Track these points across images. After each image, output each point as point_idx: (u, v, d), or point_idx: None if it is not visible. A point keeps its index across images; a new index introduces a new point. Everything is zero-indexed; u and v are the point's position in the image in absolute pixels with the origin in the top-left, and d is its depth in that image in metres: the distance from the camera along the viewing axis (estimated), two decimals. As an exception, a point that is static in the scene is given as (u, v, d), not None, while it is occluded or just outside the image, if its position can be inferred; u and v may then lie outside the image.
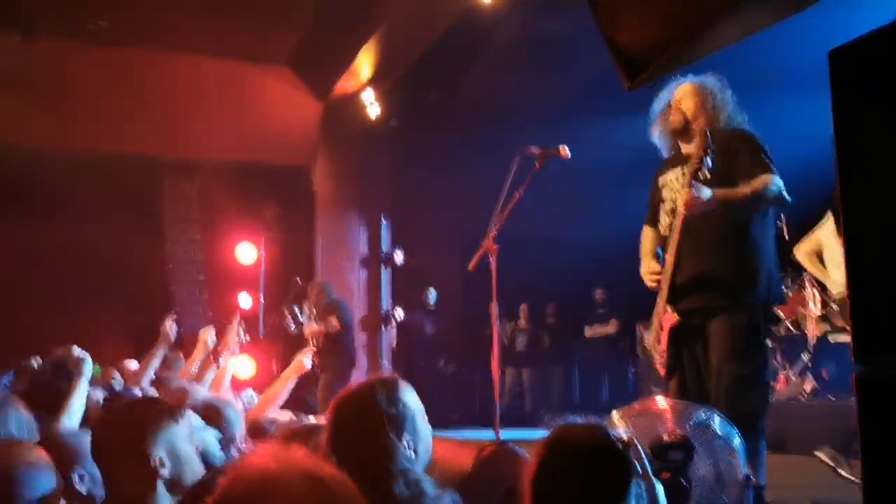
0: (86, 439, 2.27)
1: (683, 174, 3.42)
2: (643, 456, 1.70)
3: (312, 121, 9.78)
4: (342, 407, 2.06)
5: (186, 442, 2.11)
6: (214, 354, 4.35)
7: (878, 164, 1.34)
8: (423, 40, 8.04)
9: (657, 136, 3.67)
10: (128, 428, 2.05)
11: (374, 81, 9.08)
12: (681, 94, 3.55)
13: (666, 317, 3.34)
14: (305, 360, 4.47)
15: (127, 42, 8.69)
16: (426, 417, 2.13)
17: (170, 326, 4.47)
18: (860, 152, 1.38)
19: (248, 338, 4.55)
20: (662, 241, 3.51)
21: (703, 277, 3.32)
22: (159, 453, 2.01)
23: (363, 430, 1.98)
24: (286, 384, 4.32)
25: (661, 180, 3.59)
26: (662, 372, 3.39)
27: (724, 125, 3.47)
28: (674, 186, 3.50)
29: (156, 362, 4.46)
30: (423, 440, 2.08)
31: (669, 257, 3.34)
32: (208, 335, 4.45)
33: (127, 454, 2.01)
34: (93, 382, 5.81)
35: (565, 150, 3.73)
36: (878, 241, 1.33)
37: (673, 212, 3.44)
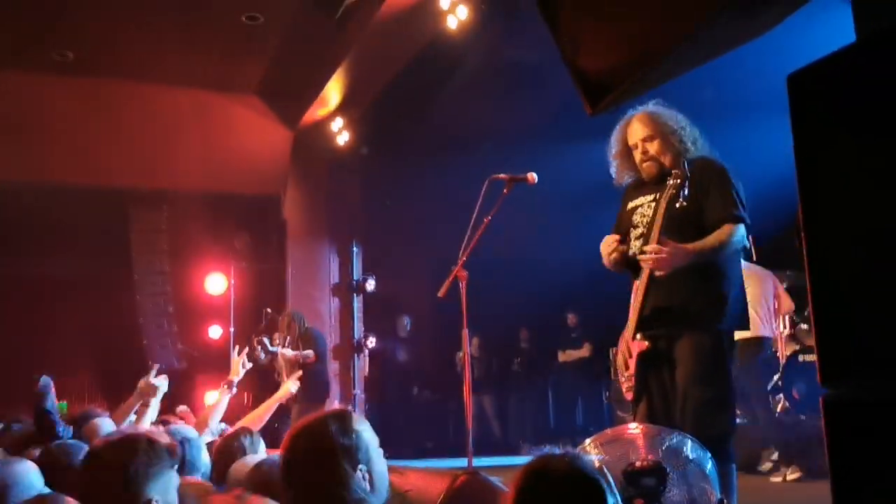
0: None
1: (656, 200, 3.41)
2: (612, 485, 1.68)
3: (282, 149, 9.75)
4: (296, 439, 2.07)
5: (175, 489, 2.06)
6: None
7: (839, 188, 1.35)
8: (391, 68, 8.07)
9: (617, 173, 3.62)
10: (125, 469, 1.97)
11: (343, 109, 9.08)
12: (639, 133, 3.47)
13: (635, 343, 3.34)
14: (292, 386, 4.55)
15: (92, 72, 8.63)
16: (381, 452, 2.12)
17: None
18: (822, 176, 1.39)
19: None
20: (629, 261, 3.50)
21: (670, 306, 3.33)
22: (155, 498, 1.96)
23: (317, 461, 1.99)
24: (269, 409, 4.40)
25: (630, 203, 3.58)
26: (630, 396, 3.39)
27: (692, 154, 3.43)
28: (645, 212, 3.49)
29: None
30: (378, 473, 2.07)
31: (640, 286, 3.33)
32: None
33: (121, 496, 1.94)
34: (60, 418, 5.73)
35: (533, 177, 3.73)
36: (841, 265, 1.33)
37: (643, 236, 3.44)
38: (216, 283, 9.87)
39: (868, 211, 1.31)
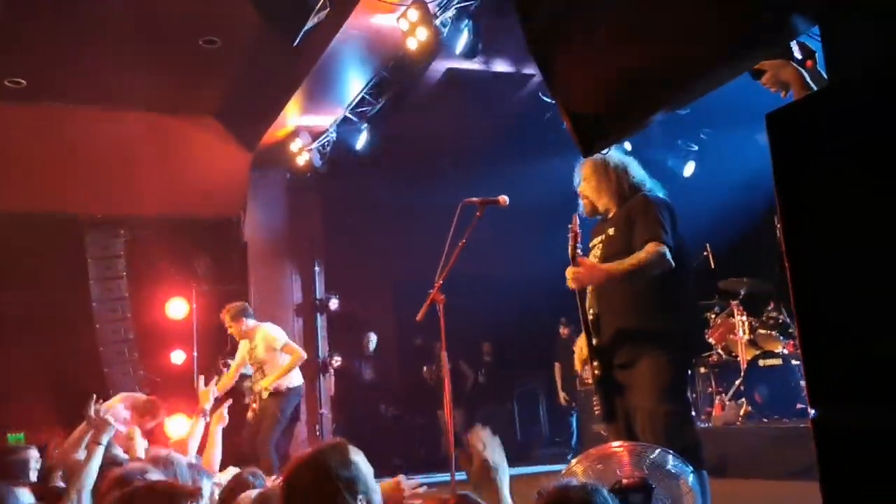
0: None
1: (601, 241, 3.64)
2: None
3: (241, 171, 9.71)
4: (297, 474, 2.09)
5: None
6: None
7: (821, 220, 1.43)
8: (350, 88, 8.12)
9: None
10: None
11: (301, 130, 9.08)
12: (578, 178, 3.76)
13: (588, 370, 3.55)
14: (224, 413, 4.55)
15: (47, 99, 8.50)
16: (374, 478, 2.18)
17: None
18: (803, 209, 1.47)
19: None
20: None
21: (620, 335, 3.51)
22: None
23: (320, 495, 2.02)
24: (216, 441, 4.37)
25: (599, 238, 3.77)
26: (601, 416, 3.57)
27: (630, 193, 3.65)
28: (596, 253, 3.70)
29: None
30: (375, 500, 2.13)
31: (589, 317, 3.54)
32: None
33: None
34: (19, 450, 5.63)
35: (504, 200, 3.82)
36: (826, 295, 1.41)
37: None
38: (177, 308, 9.77)
39: (848, 239, 1.40)
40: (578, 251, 3.50)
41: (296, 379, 7.02)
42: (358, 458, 2.14)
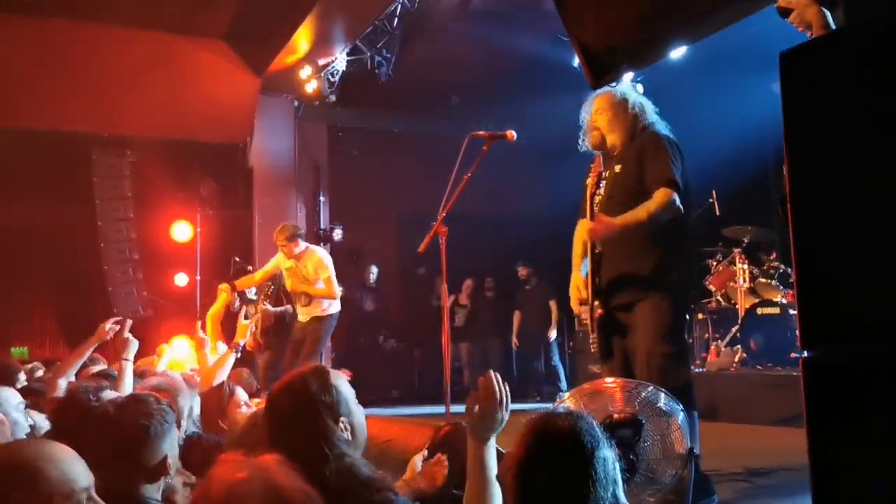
0: None
1: (604, 178, 3.60)
2: (609, 441, 1.78)
3: (248, 96, 9.61)
4: (277, 399, 2.13)
5: (177, 443, 2.12)
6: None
7: (826, 163, 1.43)
8: (363, 16, 7.99)
9: (586, 147, 3.79)
10: (140, 428, 2.03)
11: (312, 57, 8.98)
12: (594, 108, 3.69)
13: (591, 309, 3.56)
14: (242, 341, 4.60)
15: (55, 14, 8.38)
16: (357, 401, 2.20)
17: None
18: (809, 150, 1.47)
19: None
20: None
21: (623, 277, 3.55)
22: (171, 457, 2.03)
23: (300, 419, 2.05)
24: (222, 367, 4.40)
25: (603, 175, 3.76)
26: (594, 350, 3.61)
27: (640, 131, 3.63)
28: (599, 191, 3.69)
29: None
30: (358, 424, 2.16)
31: (589, 260, 3.57)
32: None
33: (137, 455, 2.00)
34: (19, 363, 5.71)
35: (512, 134, 3.80)
36: (825, 236, 1.42)
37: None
38: (182, 231, 9.81)
39: (853, 184, 1.40)
40: (599, 190, 3.51)
41: (336, 305, 7.15)
42: (339, 382, 2.15)
